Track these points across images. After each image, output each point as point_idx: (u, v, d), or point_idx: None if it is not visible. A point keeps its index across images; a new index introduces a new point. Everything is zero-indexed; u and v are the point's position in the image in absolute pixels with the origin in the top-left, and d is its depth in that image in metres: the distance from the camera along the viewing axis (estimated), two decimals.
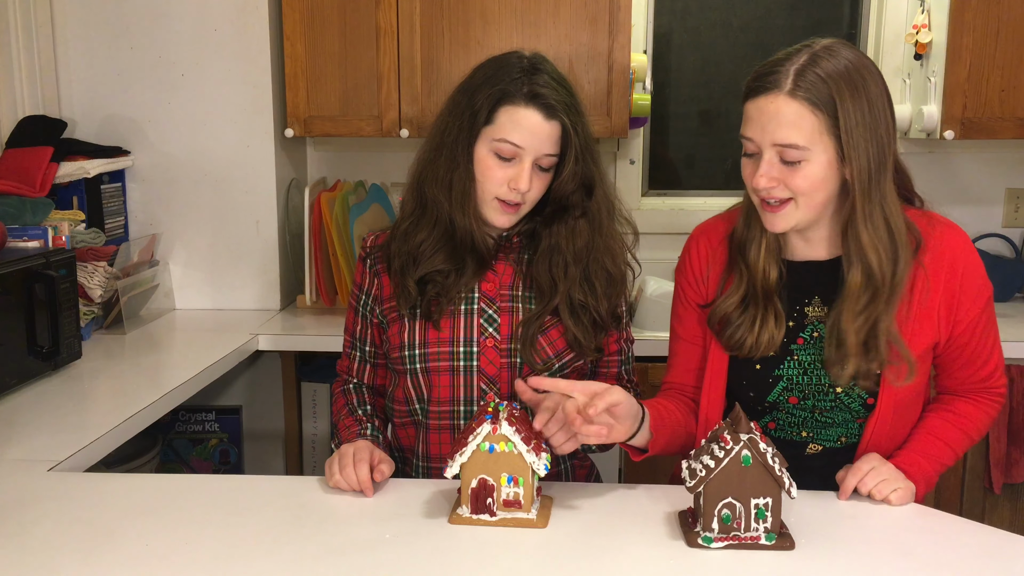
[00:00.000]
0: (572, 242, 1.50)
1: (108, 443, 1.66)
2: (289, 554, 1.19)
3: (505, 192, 1.46)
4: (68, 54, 2.62)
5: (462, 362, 1.50)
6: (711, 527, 1.21)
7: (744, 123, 1.36)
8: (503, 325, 1.51)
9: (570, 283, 1.50)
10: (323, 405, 2.75)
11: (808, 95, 1.29)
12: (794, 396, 1.45)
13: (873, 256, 1.35)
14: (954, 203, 2.92)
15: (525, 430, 1.28)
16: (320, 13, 2.55)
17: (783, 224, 1.37)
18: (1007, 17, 2.47)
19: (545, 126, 1.44)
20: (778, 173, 1.33)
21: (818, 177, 1.32)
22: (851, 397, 1.43)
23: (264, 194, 2.68)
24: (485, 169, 1.46)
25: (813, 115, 1.30)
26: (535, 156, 1.44)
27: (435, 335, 1.50)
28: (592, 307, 1.50)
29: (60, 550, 1.21)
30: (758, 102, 1.32)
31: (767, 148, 1.32)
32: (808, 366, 1.44)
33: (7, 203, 2.22)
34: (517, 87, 1.44)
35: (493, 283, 1.54)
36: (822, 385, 1.43)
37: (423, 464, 1.56)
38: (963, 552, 1.22)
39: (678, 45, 3.08)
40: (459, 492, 1.31)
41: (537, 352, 1.50)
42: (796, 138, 1.30)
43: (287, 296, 2.78)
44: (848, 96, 1.30)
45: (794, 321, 1.45)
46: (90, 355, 2.16)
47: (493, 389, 1.50)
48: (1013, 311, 2.68)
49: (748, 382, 1.46)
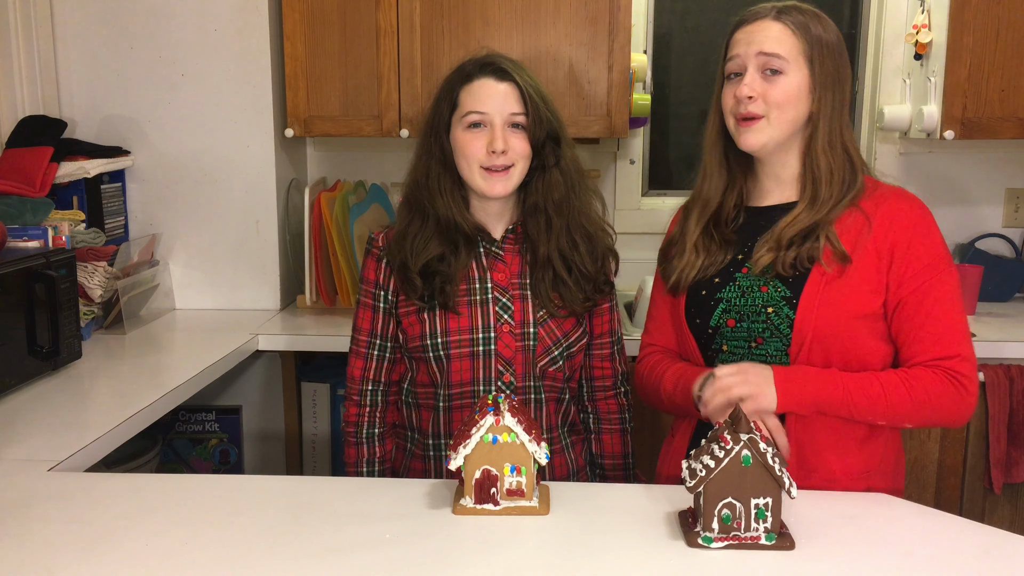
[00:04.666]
0: (551, 195, 1.62)
1: (108, 443, 1.66)
2: (289, 554, 1.19)
3: (485, 158, 1.57)
4: (68, 54, 2.62)
5: (481, 347, 1.60)
6: (711, 527, 1.21)
7: (731, 46, 1.55)
8: (516, 312, 1.61)
9: (556, 234, 1.61)
10: (323, 405, 2.74)
11: (791, 20, 1.51)
12: (731, 318, 1.54)
13: (826, 175, 1.52)
14: (954, 203, 2.92)
15: (525, 420, 1.31)
16: (320, 13, 2.55)
17: (755, 139, 1.52)
18: (1007, 17, 2.47)
19: (500, 86, 1.58)
20: (759, 87, 1.50)
21: (792, 92, 1.50)
22: (779, 316, 1.50)
23: (264, 194, 2.68)
24: (464, 145, 1.58)
25: (794, 36, 1.50)
26: (503, 117, 1.57)
27: (456, 324, 1.59)
28: (577, 263, 1.62)
29: (60, 550, 1.21)
30: (746, 28, 1.54)
31: (751, 60, 1.51)
32: (746, 288, 1.54)
33: (7, 203, 2.23)
34: (470, 69, 1.61)
35: (504, 273, 1.63)
36: (756, 306, 1.52)
37: (444, 442, 1.63)
38: (963, 552, 1.22)
39: (678, 45, 3.08)
40: (461, 483, 1.33)
41: (548, 333, 1.61)
42: (779, 49, 1.50)
43: (287, 296, 2.78)
44: (821, 31, 1.52)
45: (743, 255, 1.57)
46: (90, 355, 2.16)
47: (509, 370, 1.60)
48: (1013, 311, 2.68)
49: (695, 309, 1.59)
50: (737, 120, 1.53)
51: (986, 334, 2.40)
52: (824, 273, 1.47)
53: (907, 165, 2.92)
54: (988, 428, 2.34)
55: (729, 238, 1.59)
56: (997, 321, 2.55)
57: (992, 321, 2.55)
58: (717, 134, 1.61)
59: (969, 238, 2.89)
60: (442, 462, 1.64)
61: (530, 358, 1.60)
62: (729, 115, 1.55)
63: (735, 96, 1.52)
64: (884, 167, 2.90)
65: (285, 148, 2.75)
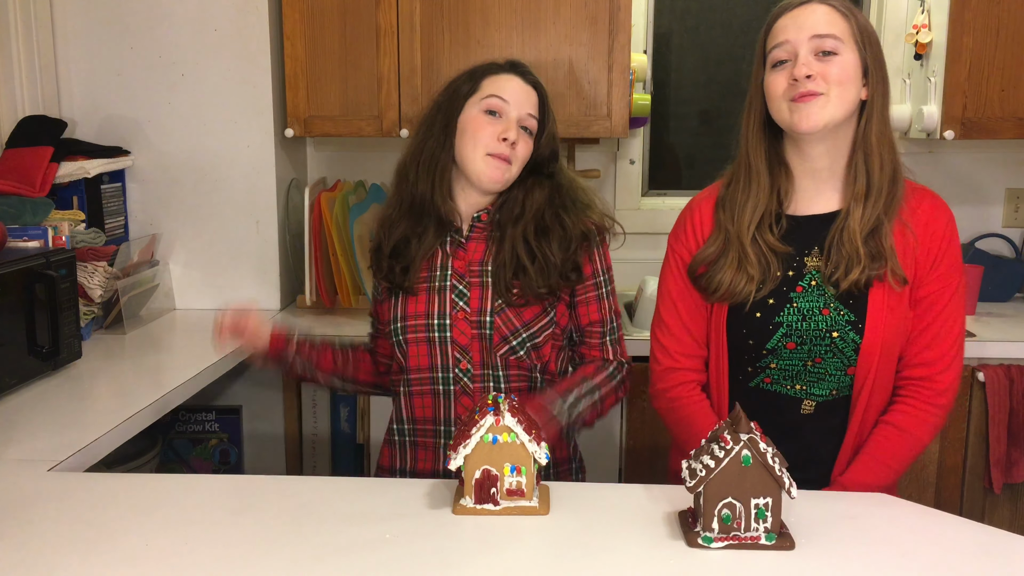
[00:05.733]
0: (531, 199, 1.64)
1: (108, 443, 1.66)
2: (289, 554, 1.19)
3: (495, 145, 1.59)
4: (68, 54, 2.62)
5: (436, 333, 1.62)
6: (711, 527, 1.21)
7: (776, 34, 1.49)
8: (473, 299, 1.62)
9: (525, 224, 1.61)
10: (323, 405, 2.74)
11: (839, 5, 1.48)
12: (792, 341, 1.51)
13: (877, 166, 1.49)
14: (954, 203, 2.88)
15: (525, 421, 1.30)
16: (320, 13, 2.55)
17: (816, 117, 1.45)
18: (1007, 17, 2.47)
19: (525, 87, 1.63)
20: (817, 67, 1.45)
21: (850, 70, 1.46)
22: (844, 341, 1.49)
23: (264, 194, 2.68)
24: (477, 128, 1.60)
25: (844, 20, 1.47)
26: (519, 114, 1.61)
27: (413, 309, 1.64)
28: (544, 252, 1.60)
29: (60, 550, 1.21)
30: (794, 13, 1.48)
31: (803, 44, 1.46)
32: (807, 312, 1.51)
33: (7, 203, 2.22)
34: (499, 65, 1.66)
35: (463, 260, 1.65)
36: (819, 330, 1.50)
37: (407, 427, 1.67)
38: (963, 552, 1.22)
39: (678, 45, 3.08)
40: (461, 483, 1.32)
41: (505, 323, 1.60)
42: (833, 29, 1.46)
43: (287, 296, 2.78)
44: (862, 18, 1.50)
45: (793, 271, 1.53)
46: (90, 355, 2.16)
47: (466, 357, 1.61)
48: (1013, 311, 2.68)
49: (748, 331, 1.53)
50: (793, 100, 1.46)
51: (986, 334, 2.41)
52: (886, 296, 1.48)
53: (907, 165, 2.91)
54: (988, 428, 2.34)
55: (777, 249, 1.52)
56: (997, 321, 2.55)
57: (992, 321, 2.55)
58: (761, 130, 1.54)
59: (969, 238, 2.89)
60: (405, 448, 1.68)
61: (487, 346, 1.60)
62: (781, 100, 1.48)
63: (791, 79, 1.45)
64: None
65: (285, 148, 2.75)
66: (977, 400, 2.36)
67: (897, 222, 1.49)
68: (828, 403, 1.55)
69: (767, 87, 1.50)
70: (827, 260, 1.50)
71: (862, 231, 1.47)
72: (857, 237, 1.47)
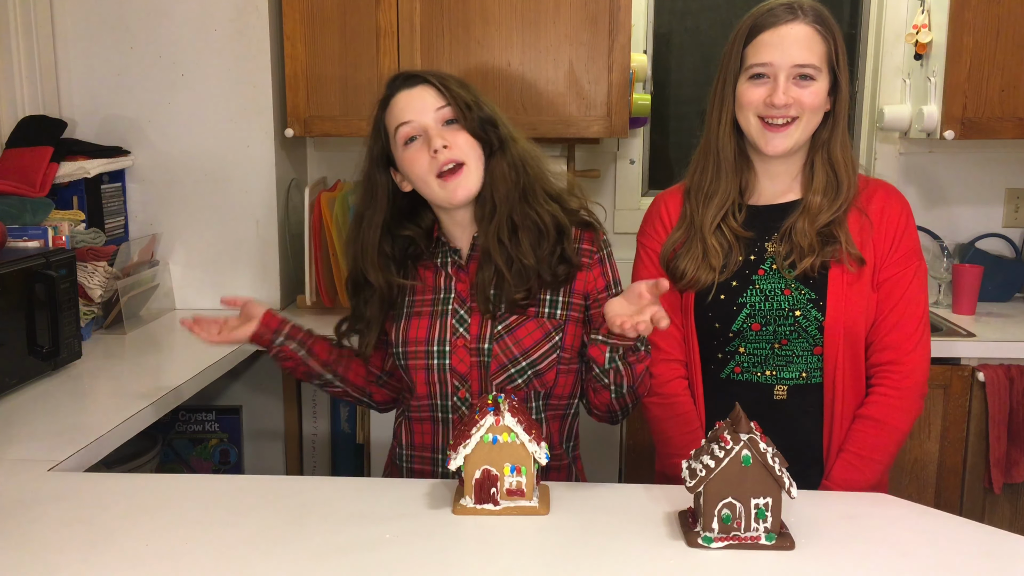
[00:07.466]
0: (497, 187, 1.53)
1: (108, 443, 1.66)
2: (289, 554, 1.19)
3: (435, 166, 1.50)
4: (68, 54, 2.62)
5: (436, 360, 1.56)
6: (711, 527, 1.21)
7: (759, 51, 1.53)
8: (472, 325, 1.56)
9: (497, 225, 1.52)
10: (323, 405, 2.75)
11: (816, 22, 1.53)
12: (756, 322, 1.56)
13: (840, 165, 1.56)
14: (954, 203, 2.92)
15: (525, 421, 1.30)
16: (320, 13, 2.55)
17: (784, 144, 1.54)
18: (1007, 17, 2.47)
19: (415, 91, 1.54)
20: (794, 93, 1.52)
21: (822, 95, 1.54)
22: (807, 319, 1.54)
23: (264, 194, 2.68)
24: (410, 163, 1.53)
25: (823, 43, 1.53)
26: (431, 120, 1.52)
27: (414, 334, 1.58)
28: (516, 258, 1.52)
29: (60, 550, 1.21)
30: (779, 32, 1.52)
31: (784, 70, 1.51)
32: (769, 292, 1.57)
33: (7, 203, 2.22)
34: (384, 94, 1.59)
35: (466, 283, 1.58)
36: (782, 310, 1.55)
37: (407, 452, 1.64)
38: (963, 552, 1.22)
39: (678, 45, 3.08)
40: (461, 483, 1.32)
41: (503, 351, 1.53)
42: (813, 59, 1.52)
43: (287, 296, 2.78)
44: (837, 34, 1.55)
45: (755, 255, 1.59)
46: (90, 355, 2.16)
47: (465, 386, 1.56)
48: (1013, 311, 2.68)
49: (713, 313, 1.58)
50: (764, 124, 1.54)
51: (986, 334, 2.41)
52: (843, 274, 1.54)
53: (907, 165, 2.92)
54: (988, 428, 2.34)
55: (739, 234, 1.59)
56: (997, 321, 2.55)
57: (992, 321, 2.55)
58: (731, 125, 1.59)
59: (969, 238, 2.89)
60: (403, 474, 1.65)
61: (485, 374, 1.54)
62: (752, 114, 1.55)
63: (769, 102, 1.52)
64: (884, 167, 2.90)
65: (285, 148, 2.75)
66: (977, 400, 2.35)
67: (853, 210, 1.57)
68: (800, 387, 1.58)
69: (741, 94, 1.55)
70: (783, 246, 1.57)
71: (817, 222, 1.55)
72: (812, 227, 1.55)
